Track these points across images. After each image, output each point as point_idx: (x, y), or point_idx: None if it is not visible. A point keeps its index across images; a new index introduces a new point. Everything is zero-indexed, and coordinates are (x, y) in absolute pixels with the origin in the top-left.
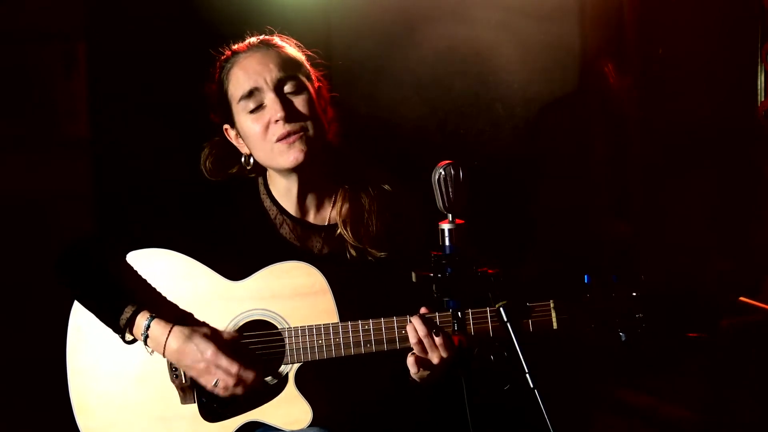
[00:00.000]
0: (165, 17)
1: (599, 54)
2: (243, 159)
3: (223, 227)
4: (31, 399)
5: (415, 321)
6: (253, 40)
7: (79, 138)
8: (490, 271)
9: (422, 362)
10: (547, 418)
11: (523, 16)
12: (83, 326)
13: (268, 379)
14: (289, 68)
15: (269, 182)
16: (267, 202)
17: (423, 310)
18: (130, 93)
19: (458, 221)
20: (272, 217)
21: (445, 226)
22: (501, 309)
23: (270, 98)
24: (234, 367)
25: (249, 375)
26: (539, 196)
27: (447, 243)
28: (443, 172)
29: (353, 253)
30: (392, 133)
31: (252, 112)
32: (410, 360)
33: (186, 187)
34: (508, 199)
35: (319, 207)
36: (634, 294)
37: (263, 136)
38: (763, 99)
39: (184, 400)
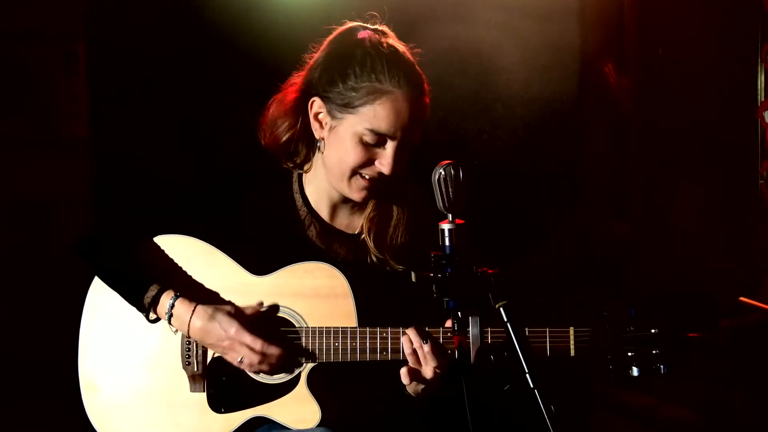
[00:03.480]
0: (165, 17)
1: (599, 54)
2: (318, 144)
3: (251, 220)
4: (35, 401)
5: (410, 332)
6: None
7: (79, 138)
8: (490, 271)
9: (415, 374)
10: (547, 418)
11: (523, 16)
12: (99, 304)
13: (280, 376)
14: (420, 120)
15: (306, 181)
16: (299, 201)
17: (449, 323)
18: (131, 93)
19: (458, 221)
20: (302, 217)
21: (445, 226)
22: (501, 309)
23: (390, 147)
24: (258, 344)
25: (273, 351)
26: (539, 196)
27: (447, 243)
28: (443, 172)
29: (374, 260)
30: None
31: (367, 143)
32: (403, 371)
33: (216, 175)
34: (508, 199)
35: (350, 215)
36: (653, 331)
37: (354, 164)
38: (763, 99)
39: (194, 388)
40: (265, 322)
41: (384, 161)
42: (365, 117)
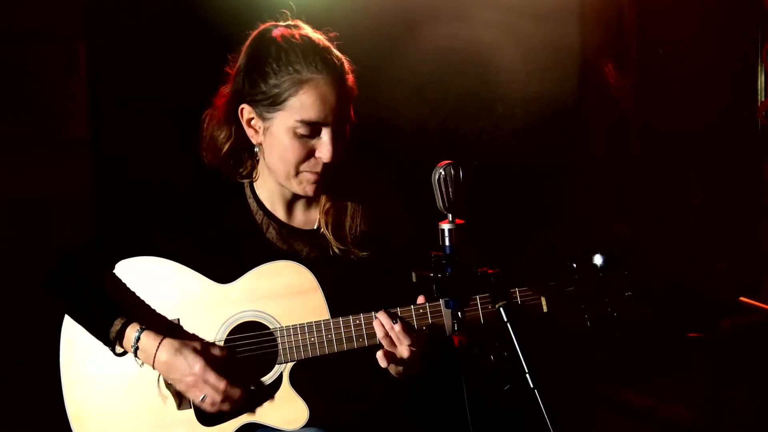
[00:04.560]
0: (165, 17)
1: (599, 54)
2: (256, 150)
3: (210, 231)
4: (28, 405)
5: (381, 316)
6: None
7: (79, 138)
8: (490, 271)
9: (391, 356)
10: (547, 418)
11: (523, 16)
12: (75, 338)
13: (263, 379)
14: (348, 101)
15: (257, 185)
16: (253, 206)
17: (420, 299)
18: (130, 93)
19: (458, 221)
20: (258, 221)
21: (445, 226)
22: (501, 309)
23: (326, 134)
24: (221, 384)
25: (235, 393)
26: (539, 196)
27: (447, 243)
28: (443, 172)
29: (337, 252)
30: (392, 133)
31: (302, 135)
32: (379, 354)
33: (171, 191)
34: (508, 199)
35: (306, 211)
36: (624, 273)
37: (295, 159)
38: (763, 99)
39: (181, 405)
40: (230, 361)
41: (323, 150)
42: (293, 109)
